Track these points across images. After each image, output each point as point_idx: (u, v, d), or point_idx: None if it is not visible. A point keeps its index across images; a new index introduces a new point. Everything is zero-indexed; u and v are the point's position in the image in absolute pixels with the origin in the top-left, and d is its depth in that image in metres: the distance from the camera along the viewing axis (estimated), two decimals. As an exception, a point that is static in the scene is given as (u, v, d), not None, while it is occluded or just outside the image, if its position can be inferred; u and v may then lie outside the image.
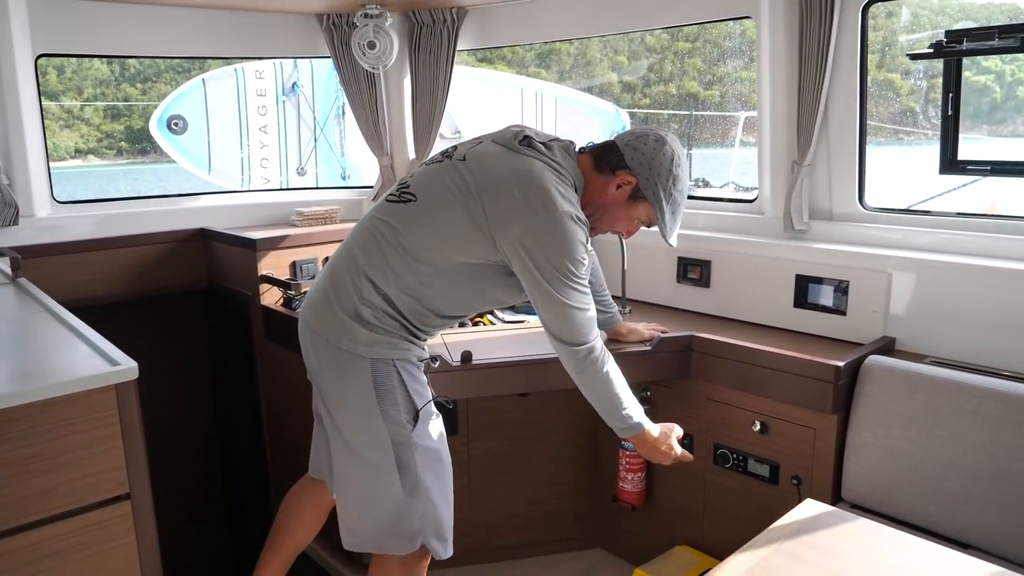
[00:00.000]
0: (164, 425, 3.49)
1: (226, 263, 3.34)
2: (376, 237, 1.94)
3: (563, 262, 1.84)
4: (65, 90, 18.55)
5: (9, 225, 3.00)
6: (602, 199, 2.01)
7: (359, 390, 1.91)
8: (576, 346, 1.91)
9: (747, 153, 7.98)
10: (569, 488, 2.92)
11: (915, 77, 8.05)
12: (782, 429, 2.30)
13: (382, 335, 1.91)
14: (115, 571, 1.64)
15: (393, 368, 1.92)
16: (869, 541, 1.50)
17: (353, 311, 1.91)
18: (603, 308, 2.44)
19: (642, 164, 1.96)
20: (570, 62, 16.08)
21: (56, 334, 1.91)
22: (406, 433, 1.93)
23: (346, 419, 1.96)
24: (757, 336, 2.48)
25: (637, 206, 2.01)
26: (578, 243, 1.86)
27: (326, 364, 1.96)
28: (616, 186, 1.98)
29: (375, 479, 1.93)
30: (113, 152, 19.28)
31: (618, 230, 2.10)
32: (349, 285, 1.93)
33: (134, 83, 18.58)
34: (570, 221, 1.84)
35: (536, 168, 1.89)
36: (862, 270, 2.39)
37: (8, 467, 1.48)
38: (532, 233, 1.83)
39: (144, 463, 1.65)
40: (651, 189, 1.96)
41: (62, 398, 1.52)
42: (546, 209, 1.83)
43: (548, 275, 1.85)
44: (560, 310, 1.89)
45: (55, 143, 18.69)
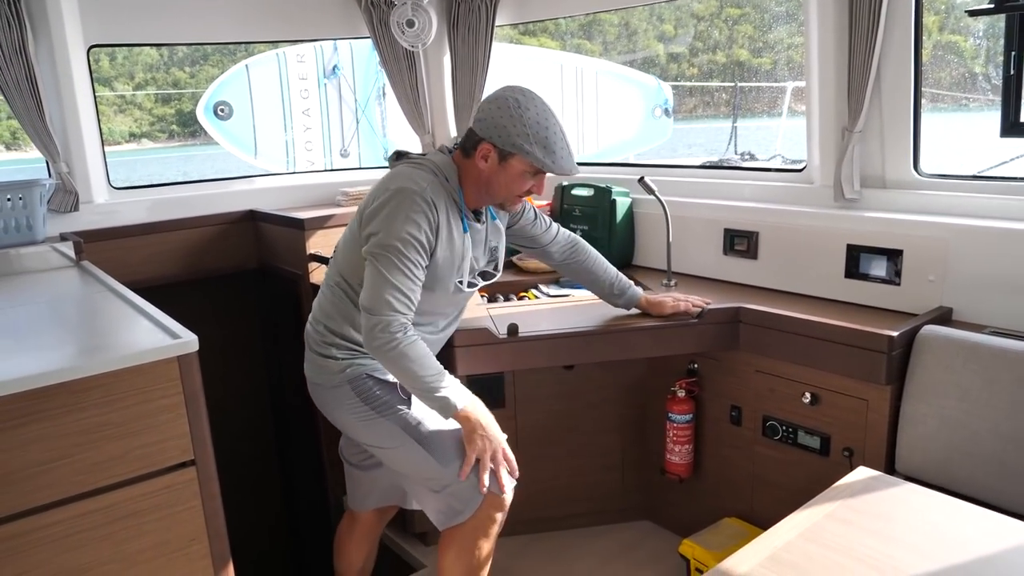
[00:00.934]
0: (220, 401, 3.59)
1: (275, 243, 3.41)
2: (324, 290, 2.20)
3: (386, 225, 1.93)
4: (117, 76, 18.96)
5: (70, 211, 3.11)
6: (480, 177, 2.05)
7: (352, 408, 2.09)
8: (371, 315, 1.91)
9: (794, 124, 7.83)
10: (616, 460, 2.93)
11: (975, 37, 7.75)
12: (833, 400, 2.28)
13: (349, 360, 2.10)
14: (185, 532, 1.73)
15: (368, 378, 2.09)
16: (925, 509, 1.50)
17: (323, 352, 2.13)
18: (610, 287, 2.45)
19: (490, 127, 1.99)
20: (615, 32, 15.87)
21: (120, 311, 2.00)
22: (405, 413, 2.05)
23: (364, 435, 2.14)
24: (807, 307, 2.45)
25: (510, 164, 2.01)
26: (407, 211, 1.93)
27: (325, 404, 2.18)
28: (482, 159, 2.02)
29: (409, 459, 2.05)
30: (165, 135, 19.69)
31: (516, 194, 2.07)
32: (313, 333, 2.18)
33: (182, 67, 18.92)
34: (407, 194, 1.95)
35: (394, 171, 2.07)
36: (917, 238, 2.35)
37: (85, 434, 1.57)
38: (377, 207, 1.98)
39: (207, 431, 1.72)
40: (509, 141, 1.97)
41: (130, 369, 1.59)
42: (386, 191, 1.98)
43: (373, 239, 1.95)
44: (369, 270, 1.94)
45: (110, 128, 19.15)
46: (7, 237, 2.71)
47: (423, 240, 1.95)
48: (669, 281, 2.84)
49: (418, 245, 1.94)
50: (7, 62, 2.84)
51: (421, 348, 1.93)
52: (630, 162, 6.31)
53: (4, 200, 2.71)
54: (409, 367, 1.91)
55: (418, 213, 1.94)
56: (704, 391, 2.69)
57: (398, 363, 1.91)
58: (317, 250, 3.16)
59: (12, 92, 2.88)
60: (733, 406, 2.59)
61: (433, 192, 1.99)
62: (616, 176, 3.29)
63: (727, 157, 7.30)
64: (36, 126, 2.95)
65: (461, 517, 2.03)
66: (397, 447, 2.05)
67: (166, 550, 1.70)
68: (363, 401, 2.07)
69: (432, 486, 2.04)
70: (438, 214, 1.99)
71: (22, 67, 2.87)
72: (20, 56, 2.86)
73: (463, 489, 1.99)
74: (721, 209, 2.88)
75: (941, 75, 8.78)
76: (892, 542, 1.37)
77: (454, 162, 2.09)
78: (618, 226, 3.09)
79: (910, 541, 1.38)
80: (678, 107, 14.03)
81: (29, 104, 2.92)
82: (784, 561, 1.34)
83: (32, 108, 2.93)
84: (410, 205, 1.94)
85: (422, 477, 2.04)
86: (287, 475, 3.98)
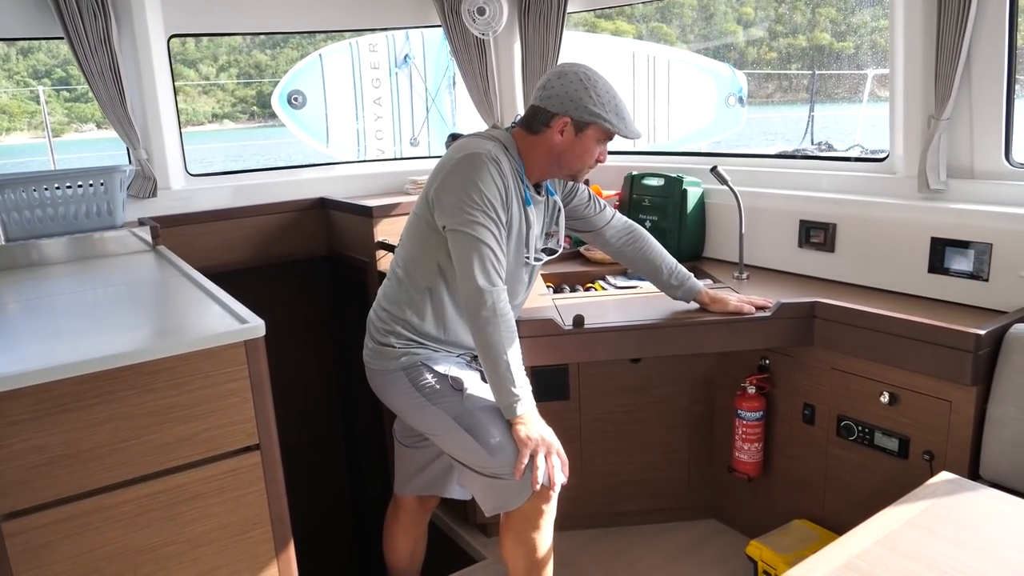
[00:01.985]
0: (290, 386, 3.67)
1: (344, 230, 3.45)
2: (388, 278, 2.24)
3: (459, 192, 1.95)
4: (202, 58, 19.58)
5: (148, 197, 3.21)
6: (554, 150, 2.09)
7: (405, 394, 2.12)
8: (474, 288, 1.92)
9: (875, 113, 7.53)
10: (683, 456, 2.87)
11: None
12: (913, 401, 2.18)
13: (405, 349, 2.13)
14: (248, 516, 1.75)
15: (422, 366, 2.12)
16: (1013, 518, 1.40)
17: (382, 340, 2.16)
18: (667, 276, 2.42)
19: (564, 101, 2.04)
20: (692, 16, 15.57)
21: (192, 296, 2.04)
22: (458, 402, 2.06)
23: (416, 420, 2.17)
24: (887, 303, 2.34)
25: (586, 133, 2.06)
26: (477, 174, 1.95)
27: (380, 389, 2.21)
28: (559, 132, 2.07)
29: (460, 446, 2.06)
30: (246, 116, 20.27)
31: (588, 163, 2.13)
32: (375, 319, 2.21)
33: (264, 49, 19.41)
34: (474, 158, 1.97)
35: (454, 144, 2.11)
36: (1008, 231, 2.21)
37: (153, 415, 1.60)
38: (445, 177, 2.00)
39: (272, 416, 1.74)
40: (586, 112, 2.03)
41: (197, 353, 1.62)
42: (451, 160, 2.02)
43: (449, 211, 1.96)
44: (456, 243, 1.95)
45: (193, 108, 19.84)
46: (88, 222, 2.81)
47: (498, 204, 1.97)
48: (741, 274, 2.76)
49: (495, 206, 1.96)
50: (92, 52, 2.94)
51: (511, 328, 1.97)
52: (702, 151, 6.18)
53: (87, 186, 2.80)
54: (506, 349, 1.93)
55: (488, 175, 1.96)
56: (776, 388, 2.60)
57: (499, 345, 1.92)
58: (384, 238, 3.18)
59: (96, 81, 2.97)
60: (806, 404, 2.50)
61: (498, 154, 2.02)
62: (687, 165, 3.21)
63: (803, 147, 7.09)
64: (118, 114, 3.05)
65: (509, 506, 2.04)
66: (447, 433, 2.08)
67: (229, 533, 1.73)
68: (416, 388, 2.10)
69: (483, 472, 2.05)
70: (506, 178, 2.01)
71: (106, 56, 2.97)
72: (105, 46, 2.95)
73: (513, 480, 1.99)
74: (797, 200, 2.77)
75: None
76: (977, 552, 1.29)
77: (513, 137, 2.13)
78: (688, 217, 3.02)
79: (996, 552, 1.30)
80: (755, 93, 13.67)
81: (112, 92, 3.01)
82: (859, 569, 1.27)
83: (115, 96, 3.02)
84: (480, 167, 1.96)
85: (472, 463, 2.06)
86: (353, 460, 4.03)
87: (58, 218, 2.76)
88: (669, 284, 2.42)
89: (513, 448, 1.98)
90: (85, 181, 2.79)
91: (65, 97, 16.94)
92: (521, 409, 1.97)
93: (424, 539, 2.57)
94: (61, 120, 17.28)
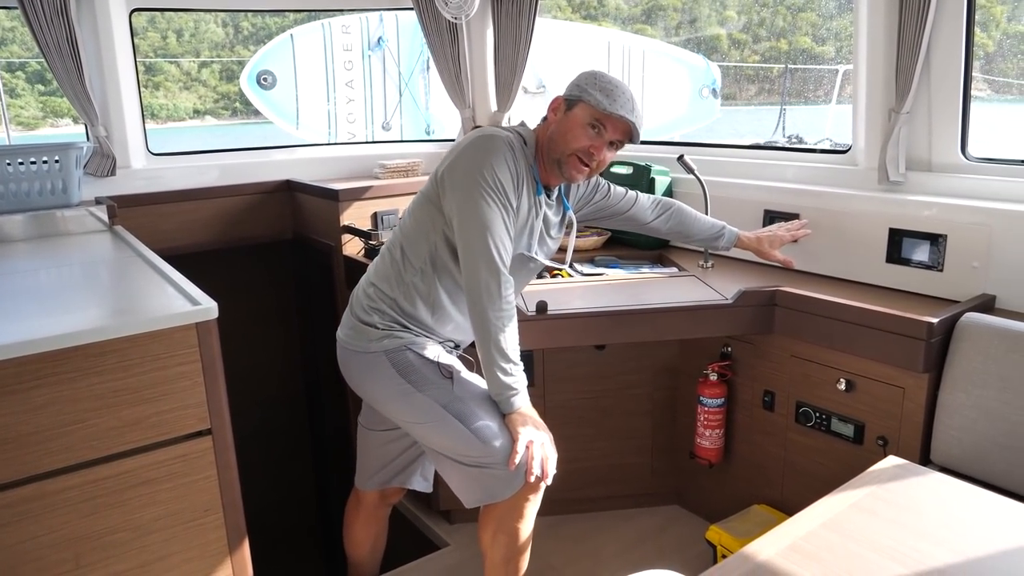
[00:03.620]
0: (254, 371, 3.63)
1: (310, 214, 3.41)
2: (382, 254, 2.16)
3: (481, 169, 1.90)
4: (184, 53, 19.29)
5: (107, 176, 3.14)
6: (547, 132, 2.07)
7: (387, 379, 2.03)
8: (480, 269, 1.88)
9: (845, 109, 7.58)
10: (646, 443, 2.89)
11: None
12: (869, 388, 2.20)
13: (389, 332, 2.04)
14: (200, 502, 1.72)
15: (407, 351, 2.03)
16: (955, 500, 1.43)
17: (364, 318, 2.08)
18: (709, 231, 2.49)
19: (567, 86, 2.07)
20: (677, 18, 15.66)
21: (146, 277, 2.00)
22: (447, 390, 2.00)
23: (396, 408, 2.07)
24: (846, 292, 2.37)
25: (574, 112, 2.03)
26: (494, 152, 1.92)
27: (355, 371, 2.11)
28: (552, 111, 2.08)
29: (446, 435, 1.98)
30: (229, 112, 20.01)
31: (574, 145, 2.02)
32: (362, 295, 2.12)
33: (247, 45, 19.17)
34: (489, 137, 1.96)
35: (478, 128, 2.08)
36: (962, 223, 2.24)
37: (99, 398, 1.57)
38: (458, 155, 1.97)
39: (224, 400, 1.71)
40: (576, 91, 2.03)
41: (147, 334, 1.59)
42: (466, 138, 2.00)
43: (460, 184, 1.92)
44: (464, 220, 1.91)
45: (175, 104, 19.56)
46: (42, 199, 2.74)
47: (510, 189, 1.94)
48: (706, 263, 2.77)
49: (505, 190, 1.92)
50: (48, 23, 2.85)
51: (515, 318, 1.94)
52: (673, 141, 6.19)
53: (40, 162, 2.73)
54: (507, 339, 1.90)
55: (501, 157, 1.93)
56: (737, 375, 2.62)
57: (500, 332, 1.89)
58: (351, 222, 3.15)
59: (52, 54, 2.89)
60: (766, 391, 2.52)
61: (514, 143, 2.00)
62: (656, 155, 3.21)
63: (774, 140, 7.13)
64: (75, 88, 2.97)
65: (495, 498, 1.99)
66: (433, 422, 1.99)
67: (180, 519, 1.70)
68: (400, 374, 2.01)
69: (467, 462, 1.98)
70: (519, 163, 1.98)
71: (63, 28, 2.88)
72: (61, 17, 2.86)
73: (503, 471, 1.94)
74: (761, 190, 2.79)
75: (1008, 66, 8.46)
76: (918, 534, 1.31)
77: (535, 132, 2.11)
78: (654, 204, 3.02)
79: (937, 534, 1.32)
80: (737, 94, 13.77)
81: (69, 67, 2.93)
82: (804, 551, 1.29)
83: (72, 71, 2.94)
84: (495, 149, 1.93)
85: (457, 453, 1.99)
86: (318, 448, 4.01)
87: (10, 195, 2.68)
88: (714, 244, 2.52)
89: (506, 438, 1.93)
90: (39, 157, 2.72)
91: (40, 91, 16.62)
92: (519, 402, 1.94)
93: (385, 531, 2.54)
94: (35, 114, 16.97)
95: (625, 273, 2.77)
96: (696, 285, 2.55)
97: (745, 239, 2.51)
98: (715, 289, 2.47)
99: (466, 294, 1.93)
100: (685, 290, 2.50)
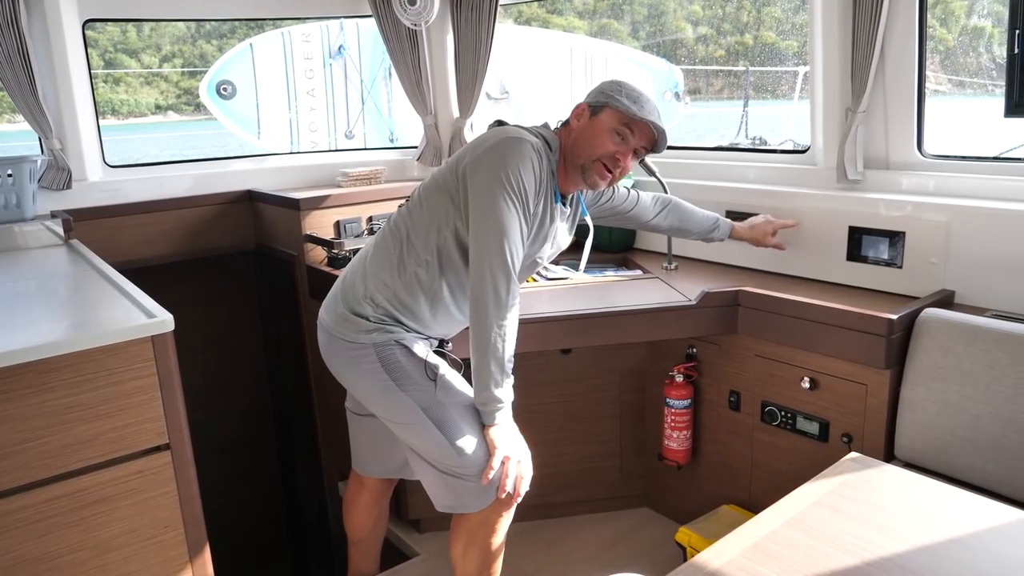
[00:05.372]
0: (218, 383, 3.58)
1: (272, 224, 3.37)
2: (382, 239, 2.07)
3: (507, 170, 1.85)
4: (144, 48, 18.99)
5: (62, 189, 3.07)
6: (571, 138, 2.04)
7: (371, 373, 1.98)
8: (491, 274, 1.82)
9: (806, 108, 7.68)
10: (614, 446, 2.89)
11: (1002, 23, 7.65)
12: (832, 385, 2.22)
13: (380, 325, 1.99)
14: (159, 519, 1.69)
15: (397, 346, 1.99)
16: (915, 495, 1.44)
17: (355, 308, 2.01)
18: (705, 224, 2.50)
19: (591, 93, 2.06)
20: (644, 12, 15.78)
21: (101, 291, 1.96)
22: (430, 393, 1.95)
23: (375, 402, 2.04)
24: (808, 291, 2.39)
25: (600, 117, 2.00)
26: (521, 156, 1.87)
27: (337, 358, 2.05)
28: (576, 117, 2.05)
29: (422, 438, 1.96)
30: (191, 108, 19.73)
31: (599, 151, 1.99)
32: (358, 282, 2.04)
33: (210, 40, 18.92)
34: (518, 140, 1.90)
35: (498, 128, 2.01)
36: (919, 220, 2.28)
37: (52, 416, 1.53)
38: (485, 153, 1.90)
39: (183, 414, 1.68)
40: (602, 97, 2.01)
41: (101, 349, 1.55)
42: (493, 137, 1.93)
43: (483, 183, 1.86)
44: (488, 223, 1.84)
45: (136, 100, 19.24)
46: (-4, 214, 2.68)
47: (531, 193, 1.89)
48: (670, 264, 2.79)
49: (527, 195, 1.88)
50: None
51: (515, 326, 1.90)
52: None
53: (-8, 177, 2.67)
54: (504, 348, 1.85)
55: (528, 162, 1.89)
56: (703, 376, 2.64)
57: (501, 340, 1.83)
58: (313, 231, 3.12)
59: (3, 66, 2.83)
60: (732, 391, 2.53)
61: (541, 149, 1.96)
62: (617, 157, 3.22)
63: (737, 141, 7.20)
64: (28, 101, 2.91)
65: (466, 509, 1.97)
66: (410, 424, 1.96)
67: (139, 537, 1.66)
68: (385, 369, 1.96)
69: (441, 468, 1.96)
70: (543, 173, 1.95)
71: (14, 40, 2.81)
72: (12, 28, 2.80)
73: (475, 484, 1.92)
74: (723, 191, 2.81)
75: (968, 60, 8.62)
76: (878, 530, 1.32)
77: (558, 136, 2.07)
78: (618, 208, 3.03)
79: (897, 528, 1.33)
80: (704, 89, 13.90)
81: (21, 79, 2.87)
82: (767, 550, 1.29)
83: (24, 83, 2.88)
84: (522, 153, 1.88)
85: (432, 457, 1.97)
86: (287, 458, 3.96)
87: (-38, 210, 2.63)
88: (710, 236, 2.53)
89: (483, 451, 1.91)
90: (-9, 172, 2.67)
91: (0, 87, 16.38)
92: (501, 417, 1.91)
93: (386, 516, 2.49)
94: (-12, 111, 16.68)
95: (590, 276, 2.77)
96: (660, 287, 2.56)
97: (739, 229, 2.53)
98: (679, 291, 2.48)
99: (471, 295, 1.86)
100: (649, 292, 2.51)
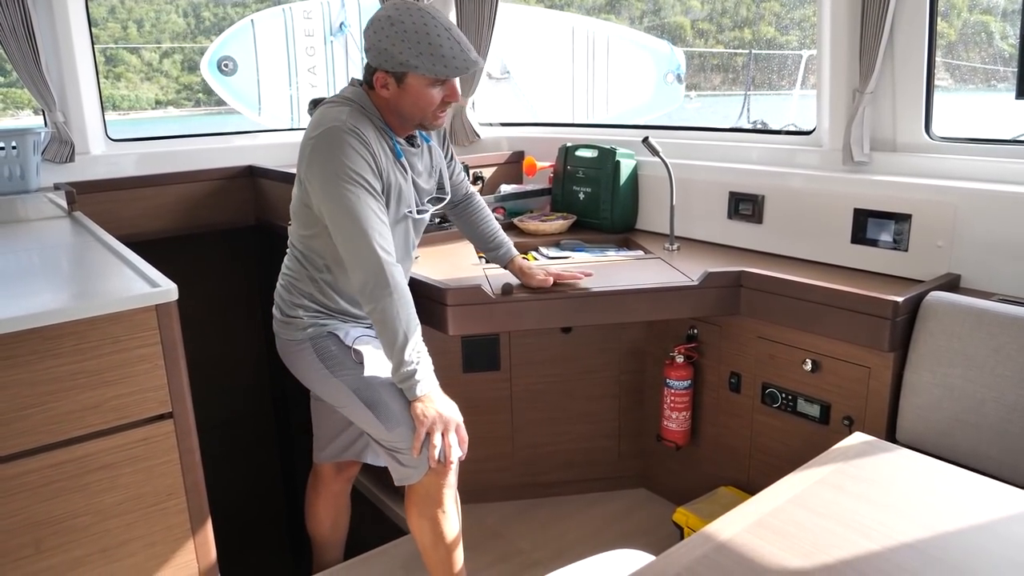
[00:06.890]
0: (217, 359, 3.58)
1: (272, 199, 3.36)
2: (289, 255, 2.23)
3: (325, 174, 1.87)
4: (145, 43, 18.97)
5: (65, 162, 3.07)
6: (390, 105, 1.99)
7: (310, 365, 2.12)
8: (360, 271, 1.86)
9: (809, 96, 7.66)
10: (613, 426, 2.90)
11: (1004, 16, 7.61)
12: (834, 368, 2.23)
13: (313, 320, 2.12)
14: (162, 486, 1.70)
15: (329, 336, 2.11)
16: (921, 475, 1.44)
17: (289, 312, 2.15)
18: (487, 240, 2.44)
19: (377, 54, 1.92)
20: (641, 7, 15.77)
21: (105, 261, 1.96)
22: (358, 375, 2.04)
23: (319, 390, 2.18)
24: (811, 273, 2.38)
25: (407, 84, 1.93)
26: (341, 146, 1.86)
27: (287, 357, 2.20)
28: (382, 88, 1.96)
29: (360, 419, 2.08)
30: (191, 103, 19.74)
31: (430, 110, 1.98)
32: (284, 292, 2.19)
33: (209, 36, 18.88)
34: (331, 134, 1.88)
35: (316, 115, 2.00)
36: (926, 203, 2.27)
37: (57, 382, 1.53)
38: (310, 158, 1.92)
39: (186, 384, 1.68)
40: (396, 62, 1.89)
41: (106, 316, 1.55)
42: (309, 140, 1.93)
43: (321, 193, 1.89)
44: (335, 225, 1.89)
45: (136, 95, 19.25)
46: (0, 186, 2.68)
47: (368, 174, 1.89)
48: (672, 245, 2.78)
49: (365, 177, 1.88)
50: (2, 7, 2.77)
51: (410, 304, 1.91)
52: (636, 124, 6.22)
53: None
54: (403, 326, 1.87)
55: (349, 148, 1.87)
56: (704, 357, 2.64)
57: (395, 319, 1.86)
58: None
59: (8, 38, 2.81)
60: (732, 373, 2.54)
61: (355, 121, 1.92)
62: (622, 138, 3.21)
63: (739, 125, 7.19)
64: (32, 74, 2.89)
65: (408, 480, 2.05)
66: (348, 406, 2.08)
67: (142, 504, 1.68)
68: (320, 359, 2.09)
69: (384, 445, 2.06)
70: (369, 143, 1.92)
71: (18, 11, 2.80)
72: (16, 0, 2.79)
73: (409, 457, 2.00)
74: (727, 172, 2.80)
75: (971, 55, 8.60)
76: (884, 508, 1.32)
77: (367, 93, 2.02)
78: (621, 189, 3.02)
79: (903, 508, 1.33)
80: (702, 83, 13.90)
81: (25, 51, 2.85)
82: (771, 526, 1.29)
83: (28, 54, 2.86)
84: (339, 142, 1.87)
85: (375, 436, 2.07)
86: (284, 434, 3.96)
87: (-34, 182, 2.62)
88: (488, 247, 2.45)
89: (410, 424, 1.95)
90: (-5, 143, 2.65)
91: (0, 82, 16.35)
92: (420, 390, 1.93)
93: (346, 510, 2.56)
94: (-5, 105, 16.66)
95: (591, 256, 2.77)
96: (662, 267, 2.56)
97: (516, 264, 2.39)
98: (681, 271, 2.47)
99: (356, 291, 1.91)
100: (651, 272, 2.50)
